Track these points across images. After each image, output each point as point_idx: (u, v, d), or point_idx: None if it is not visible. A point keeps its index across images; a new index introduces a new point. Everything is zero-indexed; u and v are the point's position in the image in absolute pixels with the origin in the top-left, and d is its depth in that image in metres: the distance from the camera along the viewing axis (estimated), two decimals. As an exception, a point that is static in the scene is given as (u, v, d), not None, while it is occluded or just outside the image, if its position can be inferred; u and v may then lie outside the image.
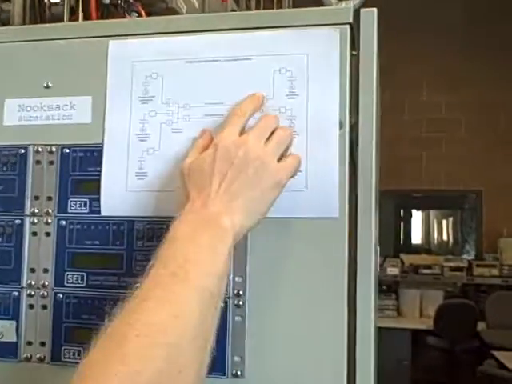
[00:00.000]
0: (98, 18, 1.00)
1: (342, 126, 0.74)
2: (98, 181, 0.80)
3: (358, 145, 0.75)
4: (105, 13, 1.02)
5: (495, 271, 5.49)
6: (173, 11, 1.04)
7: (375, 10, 0.76)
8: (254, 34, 0.78)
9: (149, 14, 1.04)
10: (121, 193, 0.79)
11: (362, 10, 0.76)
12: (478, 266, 5.48)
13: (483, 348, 4.69)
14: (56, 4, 1.05)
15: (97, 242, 0.80)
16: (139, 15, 1.03)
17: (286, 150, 0.73)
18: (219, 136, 0.71)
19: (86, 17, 1.00)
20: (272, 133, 0.72)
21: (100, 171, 0.80)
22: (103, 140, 0.80)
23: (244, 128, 0.73)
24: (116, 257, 0.79)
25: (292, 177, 0.72)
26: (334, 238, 0.74)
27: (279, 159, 0.71)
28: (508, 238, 5.46)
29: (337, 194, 0.74)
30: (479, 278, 5.41)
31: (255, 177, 0.68)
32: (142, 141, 0.79)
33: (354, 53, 0.77)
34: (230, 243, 0.66)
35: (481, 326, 4.97)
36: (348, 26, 0.76)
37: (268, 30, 0.77)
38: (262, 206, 0.70)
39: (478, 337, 4.86)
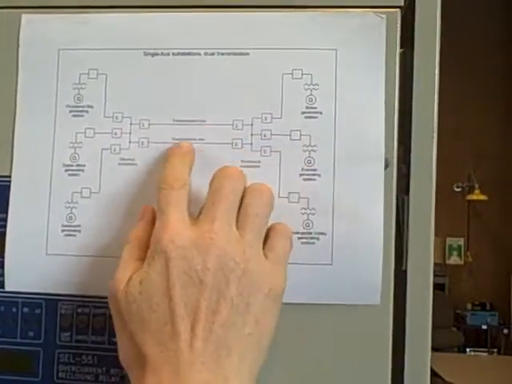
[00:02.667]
0: None
1: (387, 163, 0.48)
2: (2, 235, 0.50)
3: (407, 193, 0.50)
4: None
5: (420, 269, 5.47)
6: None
7: (437, -13, 0.50)
8: (253, 16, 0.50)
9: None
10: (37, 256, 0.50)
11: (418, -12, 0.50)
12: (403, 264, 5.44)
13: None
14: None
15: (-3, 332, 0.50)
16: None
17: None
18: (161, 230, 0.43)
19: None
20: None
21: (4, 221, 0.51)
22: (11, 172, 0.51)
23: (188, 202, 0.45)
24: (27, 356, 0.50)
25: None
26: (373, 331, 0.48)
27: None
28: (436, 237, 5.41)
29: (379, 272, 0.48)
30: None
31: (241, 298, 0.41)
32: (72, 175, 0.50)
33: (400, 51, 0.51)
34: None
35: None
36: (398, 11, 0.50)
37: (275, 11, 0.50)
38: (263, 340, 0.42)
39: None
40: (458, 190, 5.10)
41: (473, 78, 5.01)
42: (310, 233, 0.48)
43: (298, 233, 0.48)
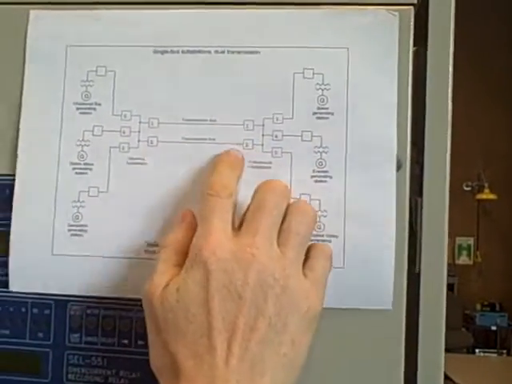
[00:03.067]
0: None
1: (400, 165, 0.48)
2: (6, 234, 0.50)
3: (421, 195, 0.49)
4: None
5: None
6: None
7: (451, -16, 0.50)
8: (264, 14, 0.50)
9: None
10: (42, 256, 0.49)
11: (431, -15, 0.50)
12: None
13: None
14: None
15: (6, 333, 0.50)
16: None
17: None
18: (202, 239, 0.42)
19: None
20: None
21: (9, 219, 0.50)
22: (15, 170, 0.50)
23: (234, 214, 0.45)
24: (36, 357, 0.50)
25: None
26: (386, 334, 0.48)
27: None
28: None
29: (391, 276, 0.47)
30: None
31: (278, 318, 0.40)
32: (79, 174, 0.50)
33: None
34: None
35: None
36: (412, 8, 0.49)
37: (286, 9, 0.50)
38: (297, 361, 0.42)
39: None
40: (468, 189, 5.07)
41: (483, 77, 4.98)
42: (322, 235, 0.47)
43: None
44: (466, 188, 5.08)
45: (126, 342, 0.49)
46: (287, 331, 0.41)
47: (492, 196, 4.96)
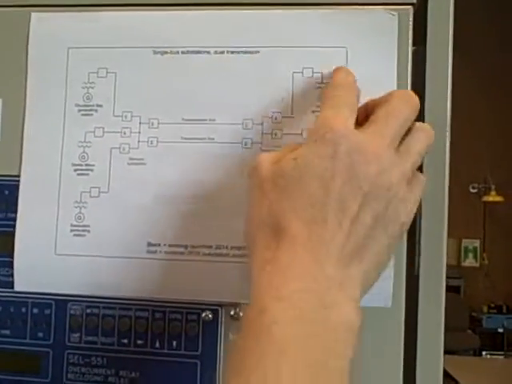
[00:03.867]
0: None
1: (400, 164, 0.48)
2: (11, 235, 0.50)
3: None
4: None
5: (434, 271, 5.41)
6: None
7: (450, -17, 0.50)
8: (263, 14, 0.50)
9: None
10: (46, 256, 0.50)
11: (431, -16, 0.50)
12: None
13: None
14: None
15: (6, 333, 0.50)
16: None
17: None
18: (333, 119, 0.42)
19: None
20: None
21: (14, 220, 0.50)
22: (20, 171, 0.51)
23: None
24: (36, 357, 0.50)
25: None
26: (384, 335, 0.48)
27: None
28: (451, 238, 5.37)
29: (390, 275, 0.47)
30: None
31: (383, 219, 0.41)
32: (81, 175, 0.50)
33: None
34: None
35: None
36: (411, 8, 0.49)
37: (285, 9, 0.50)
38: (384, 265, 0.43)
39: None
40: (474, 191, 5.07)
41: (488, 76, 4.97)
42: None
43: None
44: (472, 190, 5.07)
45: (125, 341, 0.49)
46: (387, 235, 0.41)
47: (498, 198, 4.95)
